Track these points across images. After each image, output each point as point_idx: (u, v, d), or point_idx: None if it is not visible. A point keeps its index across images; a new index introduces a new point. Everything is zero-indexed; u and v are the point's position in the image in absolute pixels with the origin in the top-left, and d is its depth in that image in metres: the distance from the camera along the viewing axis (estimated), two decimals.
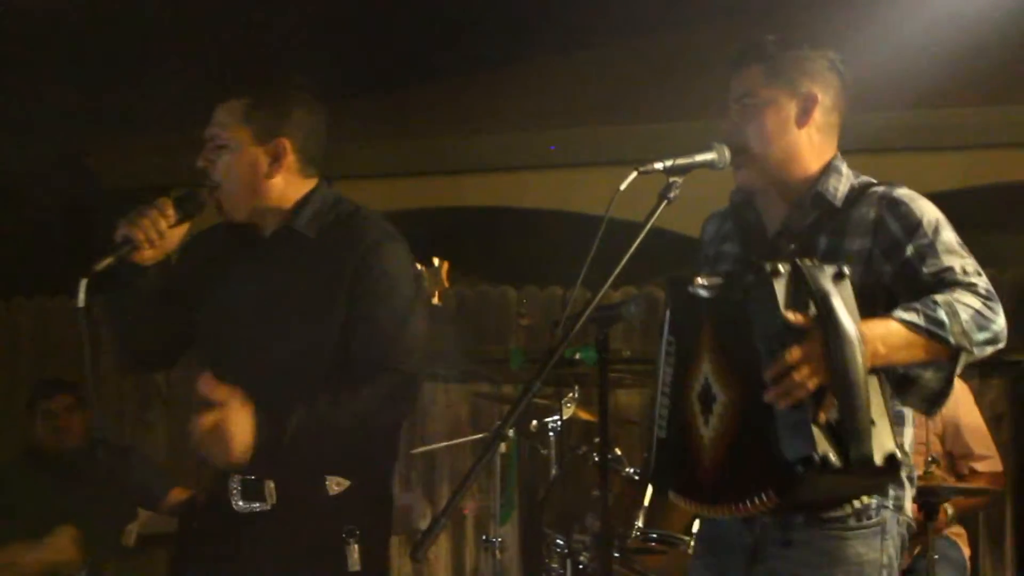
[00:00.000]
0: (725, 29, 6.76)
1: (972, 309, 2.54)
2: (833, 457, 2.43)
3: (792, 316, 2.46)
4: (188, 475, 5.26)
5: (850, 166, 2.84)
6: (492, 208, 7.08)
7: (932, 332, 2.52)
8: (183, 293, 3.06)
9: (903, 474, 2.71)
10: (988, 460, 4.68)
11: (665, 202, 2.66)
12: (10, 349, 6.95)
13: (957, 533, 4.68)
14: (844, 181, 2.77)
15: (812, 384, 2.45)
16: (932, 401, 2.64)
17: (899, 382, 2.63)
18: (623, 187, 2.56)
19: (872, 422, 2.46)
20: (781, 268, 2.47)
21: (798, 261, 2.48)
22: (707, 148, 2.73)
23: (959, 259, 2.61)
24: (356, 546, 2.87)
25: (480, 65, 7.37)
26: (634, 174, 2.60)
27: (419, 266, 4.00)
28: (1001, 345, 2.60)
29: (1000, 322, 2.57)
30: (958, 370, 2.61)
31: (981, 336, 2.55)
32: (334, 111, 3.12)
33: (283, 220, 2.99)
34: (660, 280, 6.23)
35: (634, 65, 7.19)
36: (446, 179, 6.96)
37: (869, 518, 2.66)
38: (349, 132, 6.45)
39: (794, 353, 2.45)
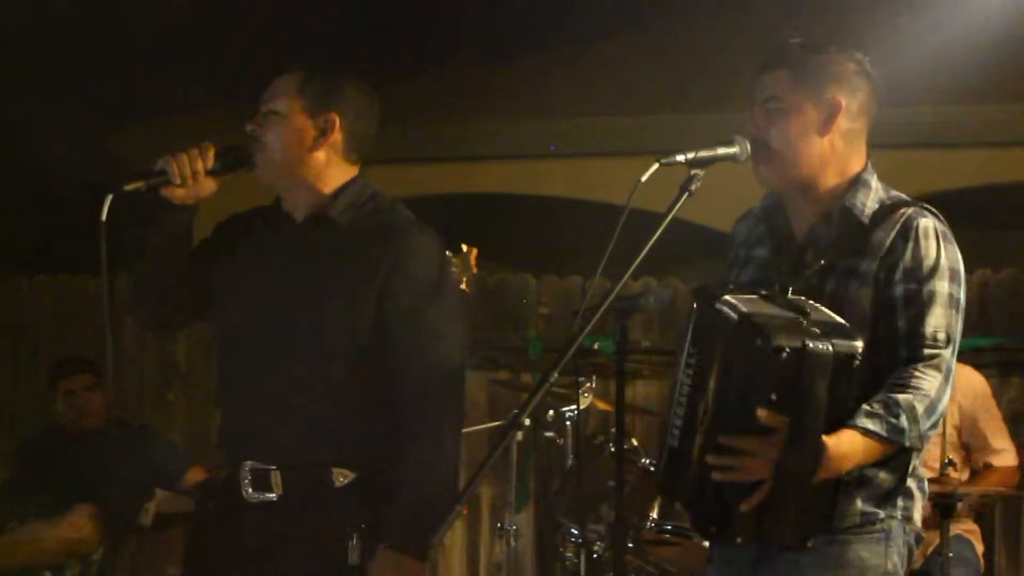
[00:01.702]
0: (749, 22, 6.74)
1: (928, 400, 2.58)
2: (740, 540, 2.56)
3: (764, 413, 2.47)
4: (206, 455, 5.29)
5: (879, 162, 2.81)
6: (513, 195, 7.09)
7: (892, 440, 2.56)
8: (207, 264, 3.07)
9: (913, 485, 2.72)
10: (1004, 454, 4.67)
11: (686, 195, 2.65)
12: (32, 327, 6.98)
13: (970, 530, 4.67)
14: (873, 196, 2.74)
15: (753, 476, 2.50)
16: (884, 498, 2.67)
17: (856, 482, 2.64)
18: (644, 179, 2.56)
19: (798, 510, 2.53)
20: (786, 351, 2.45)
21: (808, 347, 2.46)
22: (729, 142, 2.71)
23: (937, 320, 2.62)
24: (360, 540, 2.87)
25: (502, 52, 7.36)
26: (655, 166, 2.60)
27: (447, 253, 4.04)
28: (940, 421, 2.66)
29: (945, 400, 2.61)
30: (911, 466, 2.66)
31: (928, 425, 2.59)
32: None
33: (317, 204, 3.00)
34: (680, 272, 6.24)
35: (657, 55, 7.17)
36: (467, 166, 6.96)
37: (874, 524, 2.66)
38: None
39: (750, 442, 2.50)
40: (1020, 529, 5.74)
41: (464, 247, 4.00)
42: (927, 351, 2.61)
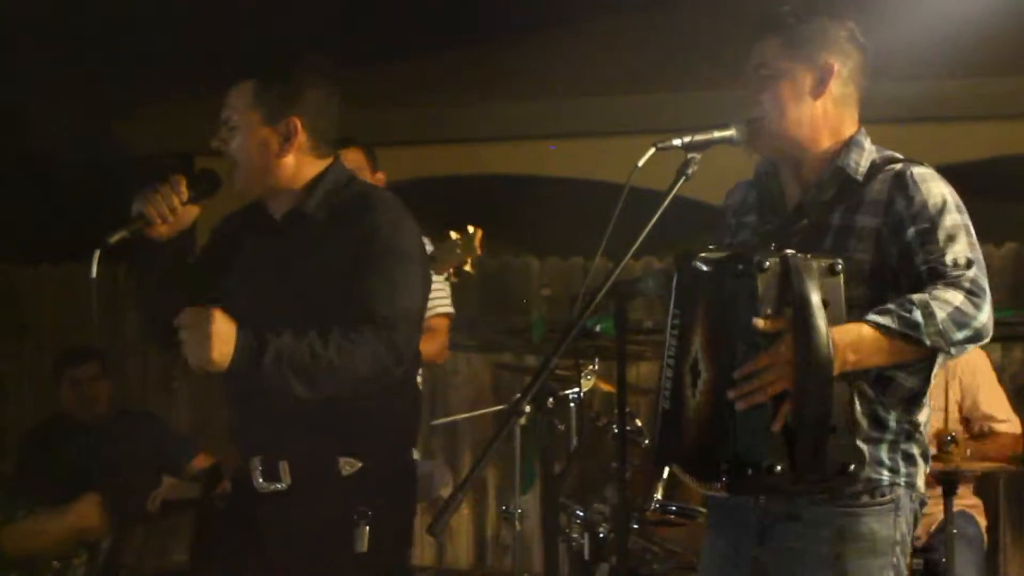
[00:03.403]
0: (748, 1, 6.71)
1: (951, 307, 2.53)
2: (780, 467, 2.49)
3: (763, 321, 2.49)
4: (211, 442, 5.31)
5: (878, 137, 2.83)
6: (515, 177, 7.07)
7: (906, 335, 2.52)
8: (208, 273, 3.08)
9: (916, 451, 2.72)
10: (1008, 423, 4.68)
11: (683, 178, 2.66)
12: (37, 316, 7.00)
13: (973, 505, 4.68)
14: (866, 156, 2.76)
15: (773, 390, 2.49)
16: (910, 401, 2.67)
17: (876, 382, 2.65)
18: (641, 163, 2.57)
19: (832, 428, 2.50)
20: (767, 264, 2.49)
21: (789, 255, 2.49)
22: (724, 125, 2.73)
23: (955, 247, 2.60)
24: (366, 528, 2.89)
25: (503, 33, 7.35)
26: (652, 150, 2.61)
27: (453, 234, 4.03)
28: (985, 339, 2.59)
29: (982, 318, 2.56)
30: (935, 370, 2.64)
31: (960, 335, 2.54)
32: (356, 78, 3.12)
33: (294, 201, 3.01)
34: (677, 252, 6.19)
35: (657, 34, 7.16)
36: (468, 147, 6.95)
37: (883, 495, 2.67)
38: (371, 99, 6.45)
39: (762, 358, 2.49)
40: None
41: (470, 228, 3.98)
42: (949, 274, 2.58)
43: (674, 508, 4.08)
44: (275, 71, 3.01)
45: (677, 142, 2.66)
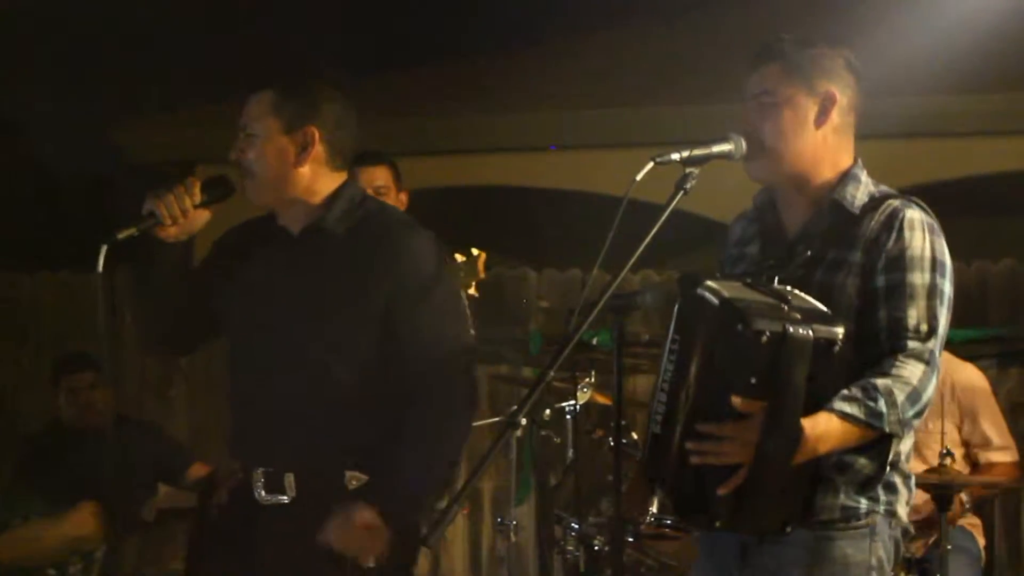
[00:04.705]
0: (748, 13, 6.75)
1: (910, 387, 2.58)
2: (719, 524, 2.59)
3: (740, 401, 2.51)
4: (208, 451, 5.31)
5: (880, 152, 2.84)
6: (513, 188, 7.09)
7: (870, 424, 2.57)
8: (210, 284, 3.09)
9: (898, 479, 2.73)
10: (1005, 451, 4.67)
11: (682, 193, 2.66)
12: (35, 323, 6.99)
13: (972, 523, 4.67)
14: (863, 189, 2.76)
15: (727, 460, 2.53)
16: (865, 484, 2.68)
17: (835, 466, 2.66)
18: (639, 177, 2.57)
19: (777, 494, 2.56)
20: (766, 336, 2.49)
21: (790, 330, 2.49)
22: (723, 139, 2.72)
23: (920, 310, 2.63)
24: None
25: (502, 44, 7.38)
26: (650, 164, 2.60)
27: (458, 256, 4.03)
28: (927, 411, 2.65)
29: (929, 392, 2.62)
30: (891, 456, 2.66)
31: (911, 413, 2.60)
32: (354, 89, 3.14)
33: (311, 216, 3.02)
34: (679, 263, 6.22)
35: (657, 48, 7.18)
36: (466, 158, 6.97)
37: (858, 519, 2.68)
38: (370, 111, 6.47)
39: (728, 427, 2.53)
40: (1020, 523, 5.75)
41: (474, 251, 3.98)
42: (910, 343, 2.62)
43: (669, 521, 4.09)
44: (294, 81, 3.03)
45: (675, 156, 2.66)
